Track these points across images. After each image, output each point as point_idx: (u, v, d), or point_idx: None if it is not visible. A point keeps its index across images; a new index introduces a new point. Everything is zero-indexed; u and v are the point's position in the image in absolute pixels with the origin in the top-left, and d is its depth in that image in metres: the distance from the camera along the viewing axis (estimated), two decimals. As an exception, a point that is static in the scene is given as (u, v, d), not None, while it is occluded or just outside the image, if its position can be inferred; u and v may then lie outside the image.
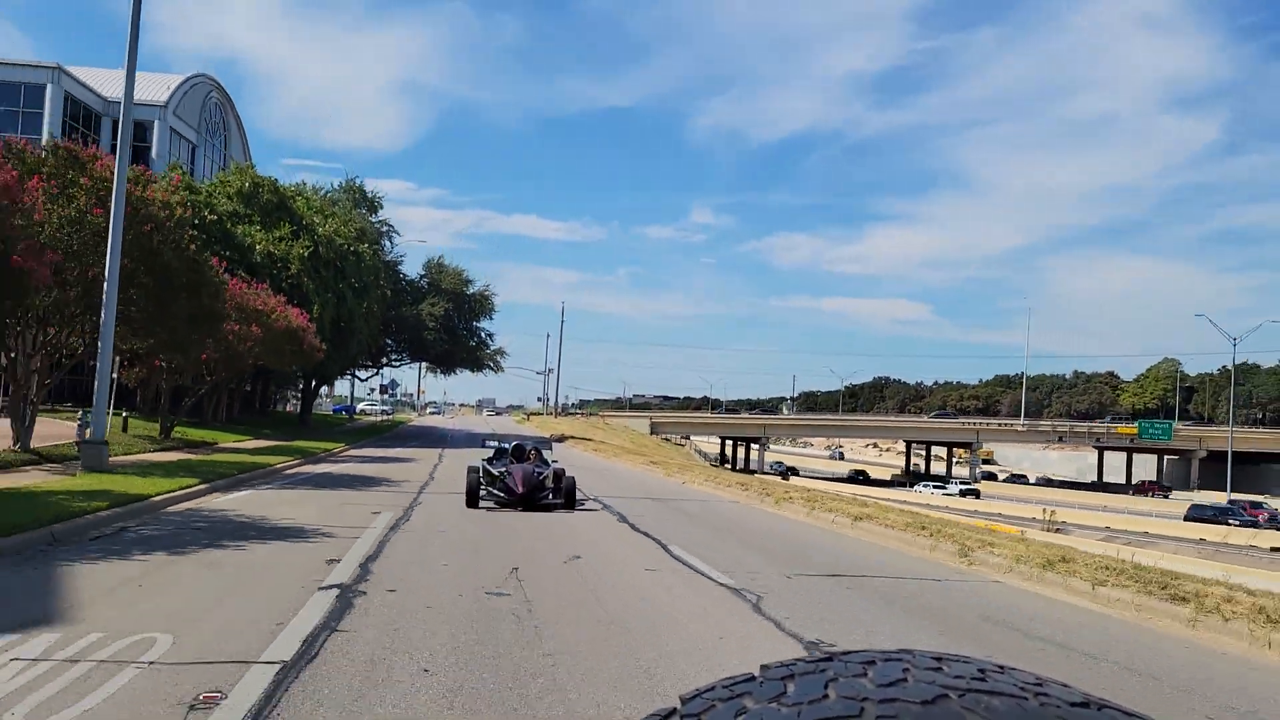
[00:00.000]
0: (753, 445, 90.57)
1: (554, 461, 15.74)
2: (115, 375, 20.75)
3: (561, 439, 44.16)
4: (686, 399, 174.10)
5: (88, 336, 16.73)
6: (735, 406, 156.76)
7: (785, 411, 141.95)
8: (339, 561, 8.14)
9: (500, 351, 54.14)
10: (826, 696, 0.67)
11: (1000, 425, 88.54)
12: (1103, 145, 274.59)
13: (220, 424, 34.07)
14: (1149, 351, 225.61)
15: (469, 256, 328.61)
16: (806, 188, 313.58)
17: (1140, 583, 8.38)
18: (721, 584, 8.07)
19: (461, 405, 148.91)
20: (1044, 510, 46.42)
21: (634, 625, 6.24)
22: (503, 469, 14.12)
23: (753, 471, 76.25)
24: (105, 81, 42.44)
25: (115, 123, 42.19)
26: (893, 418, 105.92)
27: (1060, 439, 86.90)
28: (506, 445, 16.02)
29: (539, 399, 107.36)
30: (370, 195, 46.95)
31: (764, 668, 0.76)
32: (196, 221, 24.08)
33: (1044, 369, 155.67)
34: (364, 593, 6.82)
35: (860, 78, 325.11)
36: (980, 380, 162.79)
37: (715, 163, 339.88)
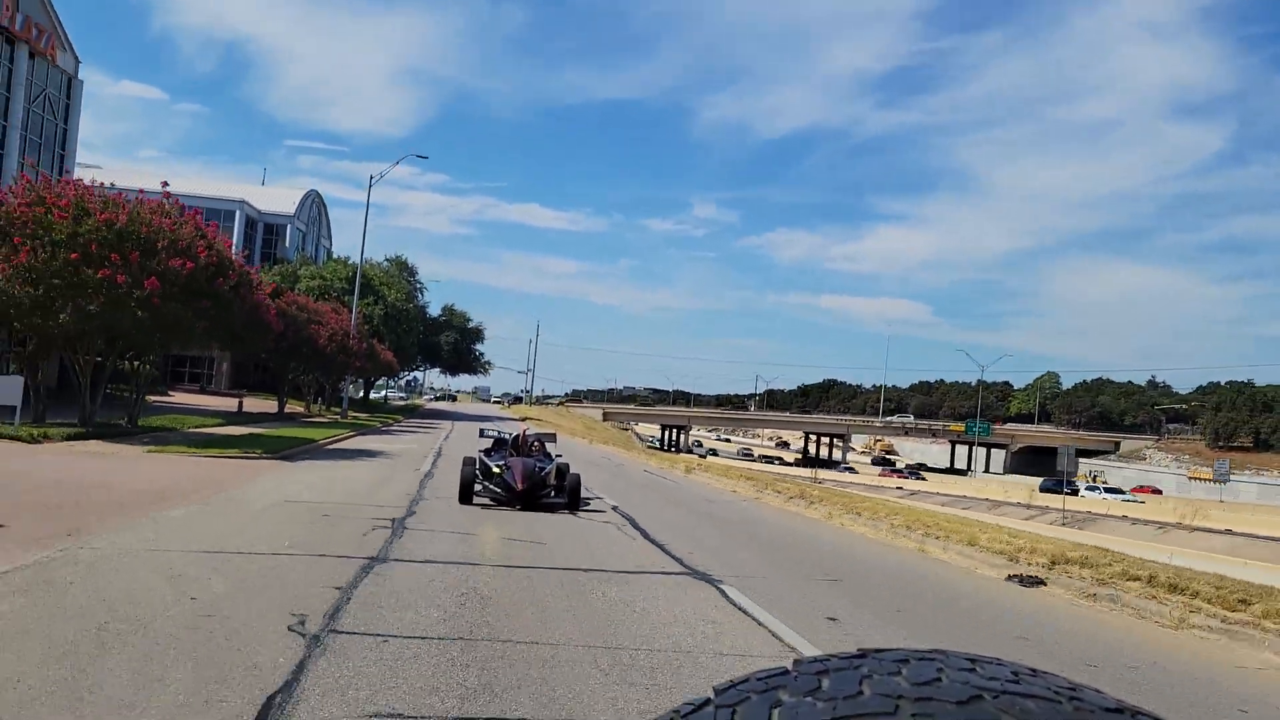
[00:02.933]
0: (681, 431, 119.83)
1: (558, 455, 14.76)
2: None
3: (524, 420, 73.23)
4: (677, 392, 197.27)
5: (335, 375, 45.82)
6: (706, 401, 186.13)
7: (751, 407, 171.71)
8: (441, 435, 37.50)
9: (489, 363, 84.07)
10: (861, 693, 0.68)
11: (864, 422, 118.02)
12: (1105, 151, 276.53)
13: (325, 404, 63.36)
14: (1146, 355, 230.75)
15: (469, 243, 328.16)
16: (808, 185, 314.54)
17: (756, 483, 37.43)
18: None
19: (458, 392, 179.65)
20: (814, 471, 75.88)
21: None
22: (501, 463, 13.22)
23: (679, 451, 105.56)
24: (257, 197, 71.51)
25: (263, 224, 71.48)
26: (787, 414, 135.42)
27: (907, 433, 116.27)
28: (506, 436, 15.29)
29: (523, 390, 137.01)
30: (410, 265, 76.14)
31: (797, 662, 0.76)
32: (366, 323, 53.23)
33: (1017, 372, 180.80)
34: (448, 437, 36.22)
35: (865, 76, 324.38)
36: (910, 385, 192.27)
37: (717, 157, 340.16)
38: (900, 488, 65.03)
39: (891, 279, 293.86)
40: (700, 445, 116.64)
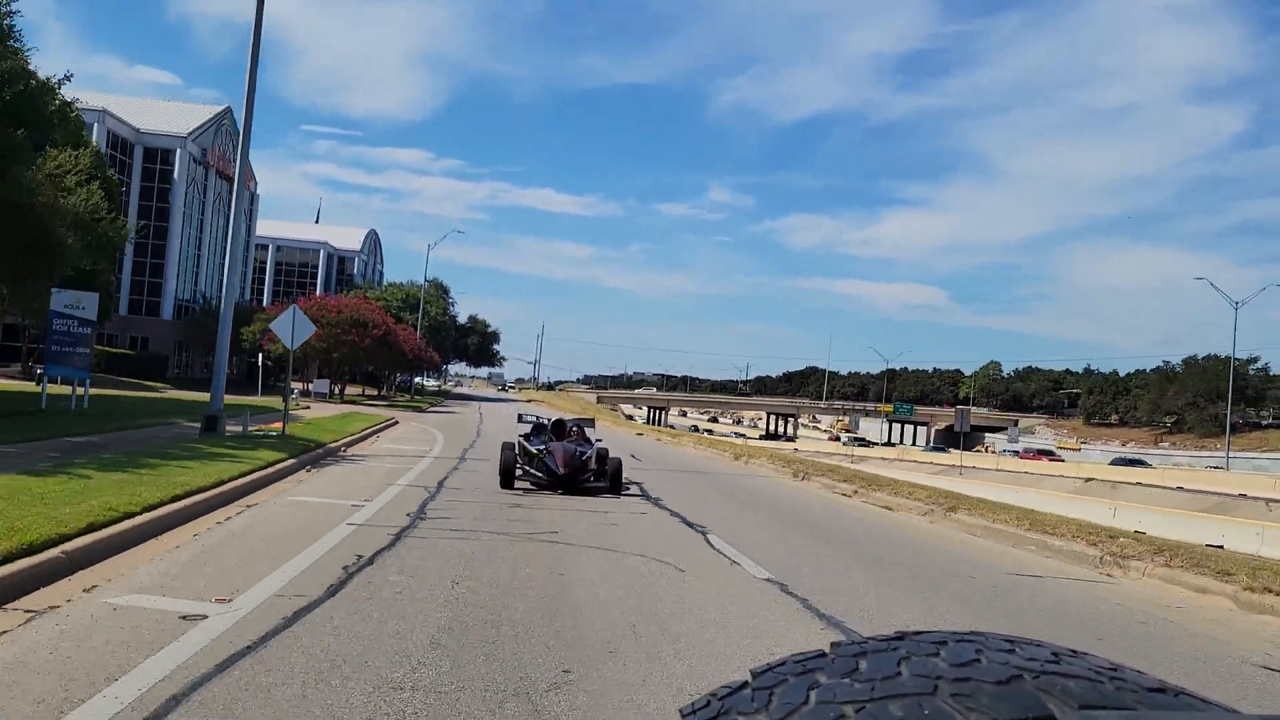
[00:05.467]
0: (661, 411, 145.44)
1: (598, 440, 14.96)
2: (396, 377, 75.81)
3: (529, 402, 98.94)
4: (681, 377, 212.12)
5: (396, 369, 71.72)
6: (703, 386, 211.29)
7: (749, 391, 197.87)
8: (477, 407, 63.41)
9: (504, 358, 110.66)
10: (899, 674, 0.68)
11: (810, 403, 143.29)
12: (1124, 135, 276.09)
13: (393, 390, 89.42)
14: (1169, 340, 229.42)
15: (480, 228, 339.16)
16: (825, 169, 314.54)
17: (700, 441, 63.25)
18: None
19: (473, 378, 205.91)
20: (744, 443, 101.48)
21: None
22: (541, 446, 13.49)
23: (656, 425, 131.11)
24: (334, 237, 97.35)
25: (338, 258, 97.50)
26: (752, 398, 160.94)
27: (845, 413, 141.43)
28: (545, 420, 15.49)
29: (531, 377, 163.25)
30: (445, 286, 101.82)
31: (835, 645, 0.76)
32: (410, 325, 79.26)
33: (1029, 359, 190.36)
34: (482, 411, 62.13)
35: (884, 60, 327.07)
36: (879, 371, 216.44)
37: (734, 142, 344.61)
38: (796, 449, 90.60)
39: (908, 264, 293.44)
40: (672, 425, 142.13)
